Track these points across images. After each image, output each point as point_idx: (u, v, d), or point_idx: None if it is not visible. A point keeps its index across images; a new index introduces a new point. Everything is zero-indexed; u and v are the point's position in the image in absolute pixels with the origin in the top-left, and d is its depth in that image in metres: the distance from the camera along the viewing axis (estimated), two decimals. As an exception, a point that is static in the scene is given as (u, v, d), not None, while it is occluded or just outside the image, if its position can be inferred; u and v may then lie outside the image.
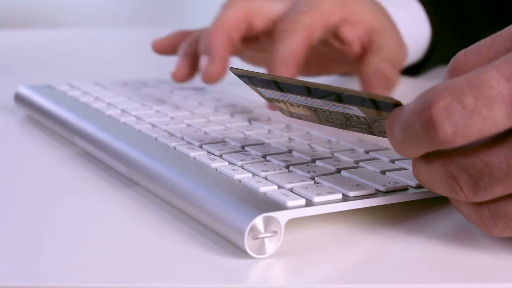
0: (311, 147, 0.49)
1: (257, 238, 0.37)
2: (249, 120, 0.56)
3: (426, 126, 0.34)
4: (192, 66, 0.64)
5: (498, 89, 0.33)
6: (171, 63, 0.67)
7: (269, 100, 0.45)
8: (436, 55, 0.77)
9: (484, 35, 0.38)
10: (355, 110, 0.39)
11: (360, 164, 0.45)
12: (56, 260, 0.37)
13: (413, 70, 0.79)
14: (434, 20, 0.75)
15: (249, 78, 0.43)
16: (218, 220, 0.38)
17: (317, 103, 0.40)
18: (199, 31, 0.67)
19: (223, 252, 0.38)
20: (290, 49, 0.58)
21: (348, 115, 0.40)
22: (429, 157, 0.36)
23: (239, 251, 0.37)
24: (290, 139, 0.51)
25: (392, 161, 0.45)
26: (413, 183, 0.41)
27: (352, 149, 0.48)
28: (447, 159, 0.35)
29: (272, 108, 0.57)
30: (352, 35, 0.64)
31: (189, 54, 0.65)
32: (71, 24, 2.20)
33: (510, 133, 0.34)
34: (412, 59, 0.77)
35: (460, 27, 0.78)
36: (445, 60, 0.80)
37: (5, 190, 0.48)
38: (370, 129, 0.41)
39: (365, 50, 0.64)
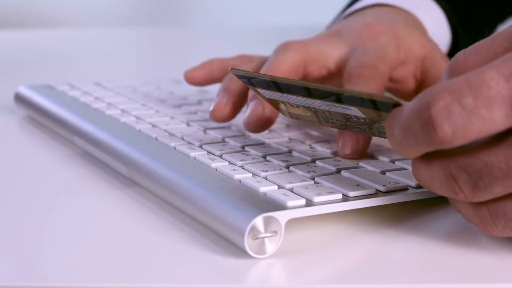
0: (311, 147, 0.49)
1: (257, 238, 0.37)
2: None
3: (426, 126, 0.34)
4: (235, 105, 0.54)
5: (497, 89, 0.33)
6: (172, 63, 0.67)
7: (268, 100, 0.45)
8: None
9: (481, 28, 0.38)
10: (354, 111, 0.39)
11: (360, 164, 0.45)
12: (56, 260, 0.37)
13: None
14: (454, 26, 0.75)
15: (249, 79, 0.43)
16: (218, 220, 0.38)
17: (317, 103, 0.41)
18: (240, 59, 0.62)
19: (223, 252, 0.38)
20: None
21: (348, 116, 0.40)
22: (428, 157, 0.36)
23: (239, 251, 0.37)
24: (290, 139, 0.51)
25: (392, 161, 0.45)
26: (413, 183, 0.41)
27: (352, 149, 0.48)
28: (447, 159, 0.35)
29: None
30: (404, 72, 0.60)
31: (233, 90, 0.55)
32: (71, 24, 2.20)
33: (509, 133, 0.34)
34: None
35: (473, 31, 0.78)
36: None
37: (5, 190, 0.48)
38: (370, 130, 0.41)
39: (423, 83, 0.61)
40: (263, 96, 0.44)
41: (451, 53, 0.76)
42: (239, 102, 0.54)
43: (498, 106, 0.33)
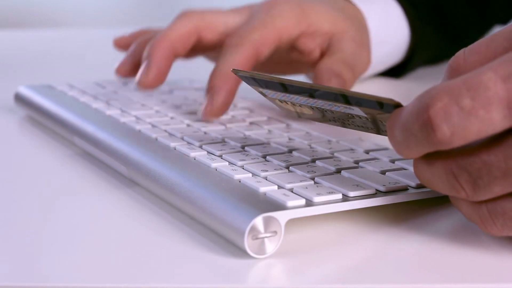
0: (311, 147, 0.49)
1: (257, 238, 0.37)
2: (249, 120, 0.56)
3: (425, 127, 0.34)
4: (134, 66, 0.64)
5: (495, 90, 0.33)
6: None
7: (272, 100, 0.45)
8: (418, 56, 0.77)
9: (465, 36, 0.39)
10: (356, 111, 0.39)
11: (360, 164, 0.45)
12: (56, 260, 0.37)
13: (396, 72, 0.78)
14: (413, 21, 0.75)
15: (252, 79, 0.43)
16: (218, 220, 0.38)
17: (319, 103, 0.41)
18: (155, 32, 0.66)
19: (223, 252, 0.38)
20: (232, 64, 0.57)
21: (350, 115, 0.40)
22: (429, 156, 0.36)
23: (239, 251, 0.37)
24: (290, 139, 0.51)
25: (392, 161, 0.45)
26: (413, 183, 0.41)
27: (352, 149, 0.48)
28: (448, 159, 0.35)
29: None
30: (311, 46, 0.63)
31: (135, 54, 0.65)
32: (71, 24, 2.20)
33: (508, 133, 0.34)
34: (393, 60, 0.76)
35: (440, 28, 0.78)
36: (427, 61, 0.80)
37: (5, 190, 0.48)
38: (373, 129, 0.41)
39: (323, 55, 0.64)
40: (266, 95, 0.45)
41: (413, 48, 0.76)
42: (137, 64, 0.62)
43: (496, 107, 0.33)
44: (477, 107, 0.33)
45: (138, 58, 0.64)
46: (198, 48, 0.64)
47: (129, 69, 0.65)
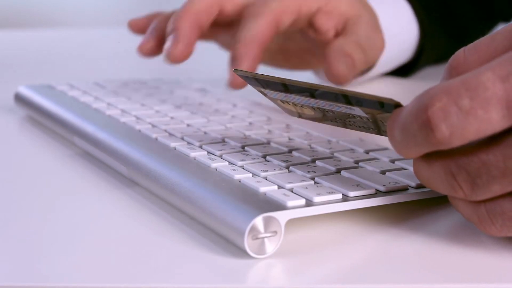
0: (311, 147, 0.49)
1: (257, 238, 0.37)
2: (249, 120, 0.56)
3: (424, 127, 0.34)
4: (158, 42, 0.64)
5: (493, 90, 0.33)
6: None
7: (273, 100, 0.45)
8: (426, 55, 0.77)
9: (471, 35, 0.39)
10: (357, 111, 0.39)
11: (360, 164, 0.45)
12: (56, 260, 0.37)
13: (404, 71, 0.79)
14: (422, 20, 0.75)
15: (253, 79, 0.43)
16: (218, 220, 0.38)
17: (320, 103, 0.41)
18: (173, 11, 0.66)
19: (223, 252, 0.38)
20: (254, 32, 0.58)
21: (351, 115, 0.40)
22: (429, 156, 0.36)
23: (239, 251, 0.37)
24: (290, 139, 0.51)
25: (392, 161, 0.45)
26: (413, 183, 0.41)
27: (352, 149, 0.48)
28: (446, 158, 0.35)
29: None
30: (328, 25, 0.64)
31: (158, 30, 0.64)
32: (71, 24, 2.20)
33: (506, 133, 0.34)
34: (401, 59, 0.77)
35: (448, 28, 0.78)
36: (434, 61, 0.80)
37: (5, 190, 0.48)
38: (373, 129, 0.41)
39: (338, 36, 0.64)
40: (266, 95, 0.45)
41: (421, 48, 0.76)
42: (162, 39, 0.63)
43: (495, 107, 0.33)
44: (476, 107, 0.33)
45: (161, 35, 0.64)
46: (218, 21, 0.64)
47: (153, 46, 0.64)
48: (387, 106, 0.37)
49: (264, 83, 0.43)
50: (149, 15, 0.70)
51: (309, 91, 0.40)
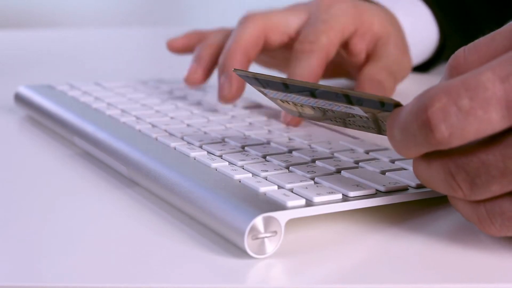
0: (311, 147, 0.49)
1: (257, 238, 0.37)
2: (249, 120, 0.56)
3: (423, 127, 0.34)
4: (205, 71, 0.64)
5: (493, 90, 0.33)
6: (172, 63, 0.67)
7: (273, 100, 0.45)
8: (445, 55, 0.79)
9: (483, 33, 0.39)
10: (357, 110, 0.39)
11: (360, 164, 0.45)
12: (56, 260, 0.37)
13: (423, 68, 0.81)
14: (441, 22, 0.76)
15: (254, 79, 0.43)
16: (218, 220, 0.38)
17: (320, 103, 0.41)
18: (214, 33, 0.67)
19: (223, 252, 0.38)
20: (308, 71, 0.58)
21: (351, 114, 0.40)
22: (428, 156, 0.36)
23: (239, 251, 0.37)
24: (290, 139, 0.51)
25: (392, 161, 0.45)
26: (413, 183, 0.41)
27: (352, 149, 0.48)
28: (446, 158, 0.35)
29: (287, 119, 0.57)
30: (360, 47, 0.65)
31: (203, 58, 0.64)
32: (71, 24, 2.20)
33: (506, 133, 0.34)
34: (420, 58, 0.78)
35: (463, 27, 0.79)
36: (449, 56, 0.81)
37: (5, 190, 0.48)
38: (373, 128, 0.41)
39: (368, 58, 0.65)
40: (267, 95, 0.45)
41: (441, 49, 0.77)
42: (209, 68, 0.64)
43: (494, 108, 0.33)
44: (475, 107, 0.33)
45: (208, 64, 0.64)
46: (262, 50, 0.64)
47: (200, 76, 0.64)
48: (387, 105, 0.37)
49: (265, 83, 0.43)
50: (188, 34, 0.70)
51: (309, 90, 0.40)
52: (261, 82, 0.43)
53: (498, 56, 0.35)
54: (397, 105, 0.36)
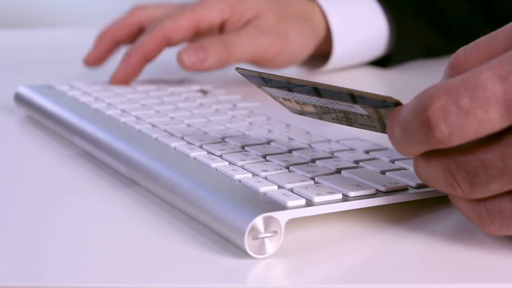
0: (311, 147, 0.49)
1: (257, 238, 0.37)
2: (249, 120, 0.56)
3: (423, 126, 0.34)
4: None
5: (492, 90, 0.33)
6: (172, 63, 0.67)
7: (275, 98, 0.45)
8: (403, 48, 0.81)
9: (465, 31, 0.39)
10: (358, 109, 0.39)
11: (360, 164, 0.45)
12: (56, 260, 0.37)
13: (383, 63, 0.83)
14: (393, 16, 0.79)
15: (255, 77, 0.43)
16: (218, 220, 0.38)
17: (322, 101, 0.41)
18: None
19: (223, 252, 0.38)
20: (144, 44, 0.69)
21: (352, 113, 0.40)
22: (428, 154, 0.36)
23: (239, 251, 0.37)
24: (290, 139, 0.51)
25: (392, 161, 0.45)
26: (413, 183, 0.41)
27: (352, 149, 0.48)
28: (446, 157, 0.36)
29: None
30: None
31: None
32: (71, 24, 2.20)
33: (505, 132, 0.34)
34: (373, 53, 0.81)
35: (433, 24, 0.81)
36: (419, 54, 0.84)
37: (5, 190, 0.48)
38: (378, 128, 0.41)
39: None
40: (268, 93, 0.45)
41: (396, 40, 0.80)
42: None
43: (494, 107, 0.33)
44: (475, 107, 0.33)
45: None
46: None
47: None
48: (388, 103, 0.37)
49: (268, 81, 0.43)
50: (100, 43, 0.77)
51: (312, 89, 0.40)
52: (265, 80, 0.43)
53: (499, 55, 0.35)
54: (397, 104, 0.36)
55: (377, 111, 0.38)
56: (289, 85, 0.42)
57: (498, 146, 0.34)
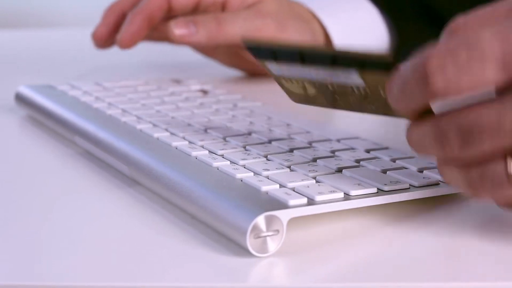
0: (312, 146, 0.49)
1: (259, 237, 0.36)
2: (250, 120, 0.56)
3: (421, 79, 0.35)
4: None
5: (491, 48, 0.34)
6: (172, 63, 0.67)
7: (276, 79, 0.44)
8: (404, 52, 0.81)
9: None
10: (356, 79, 0.39)
11: (361, 163, 0.45)
12: (57, 260, 0.37)
13: None
14: (393, 20, 0.79)
15: (261, 50, 0.42)
16: (220, 219, 0.38)
17: (320, 74, 0.40)
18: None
19: (225, 251, 0.37)
20: (129, 30, 0.70)
21: (350, 89, 0.40)
22: (421, 117, 0.36)
23: (241, 250, 0.37)
24: (291, 138, 0.51)
25: (393, 160, 0.45)
26: (414, 182, 0.41)
27: (352, 148, 0.48)
28: (438, 117, 0.36)
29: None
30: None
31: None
32: (71, 24, 2.20)
33: (502, 93, 0.34)
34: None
35: (427, 21, 0.81)
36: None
37: (5, 190, 0.48)
38: (388, 110, 0.40)
39: None
40: (271, 72, 0.44)
41: (398, 44, 0.80)
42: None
43: (491, 64, 0.34)
44: (472, 62, 0.34)
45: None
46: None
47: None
48: (388, 65, 0.37)
49: (278, 52, 0.42)
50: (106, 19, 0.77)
51: (327, 56, 0.39)
52: (274, 52, 0.42)
53: (500, 20, 0.35)
54: (393, 62, 0.37)
55: (374, 74, 0.38)
56: (301, 55, 0.41)
57: (493, 103, 0.34)
